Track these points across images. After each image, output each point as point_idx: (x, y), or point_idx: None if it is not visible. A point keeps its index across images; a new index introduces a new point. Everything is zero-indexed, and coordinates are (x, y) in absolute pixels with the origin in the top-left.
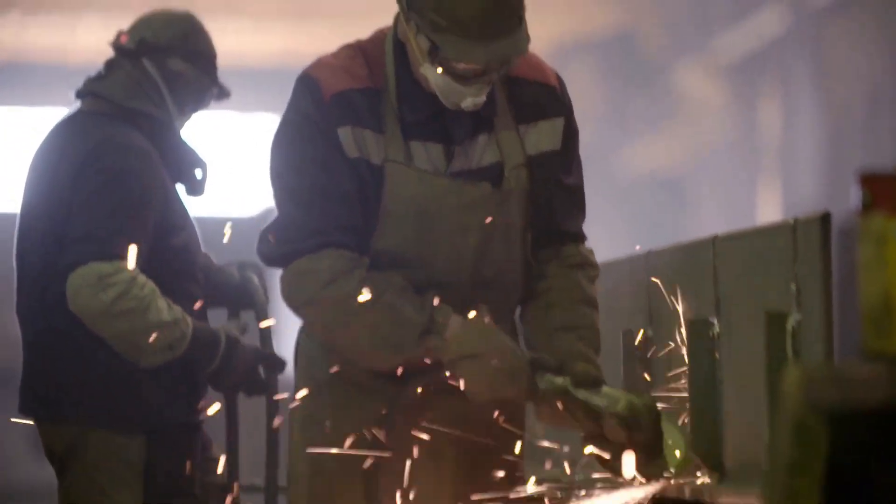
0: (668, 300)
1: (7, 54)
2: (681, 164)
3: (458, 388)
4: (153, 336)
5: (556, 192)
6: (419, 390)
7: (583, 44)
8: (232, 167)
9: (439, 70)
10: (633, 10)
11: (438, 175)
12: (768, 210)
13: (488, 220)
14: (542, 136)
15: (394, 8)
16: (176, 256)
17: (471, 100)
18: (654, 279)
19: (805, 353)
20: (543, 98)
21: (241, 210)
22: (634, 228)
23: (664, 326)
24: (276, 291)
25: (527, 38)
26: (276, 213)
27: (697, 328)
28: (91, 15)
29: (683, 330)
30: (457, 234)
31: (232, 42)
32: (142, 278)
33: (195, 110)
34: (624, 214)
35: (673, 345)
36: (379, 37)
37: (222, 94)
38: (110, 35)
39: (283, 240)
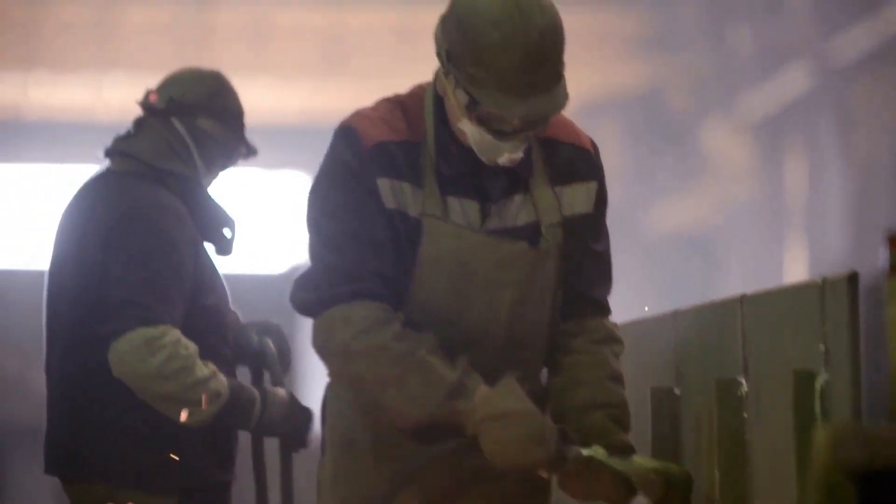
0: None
1: (35, 112)
2: (707, 223)
3: (483, 450)
4: (200, 391)
5: (585, 258)
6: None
7: (610, 102)
8: (258, 224)
9: (477, 124)
10: (660, 69)
11: (475, 231)
12: (795, 268)
13: (524, 276)
14: (577, 198)
15: (421, 65)
16: (206, 316)
17: (507, 155)
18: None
19: (833, 413)
20: (579, 161)
21: (268, 267)
22: (661, 286)
23: (693, 386)
24: (298, 356)
25: (565, 96)
26: (304, 269)
27: (725, 388)
28: (117, 72)
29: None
30: (492, 291)
31: (258, 100)
32: (184, 339)
33: (223, 168)
34: (650, 272)
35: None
36: (417, 92)
37: (250, 151)
38: (137, 92)
39: (317, 286)
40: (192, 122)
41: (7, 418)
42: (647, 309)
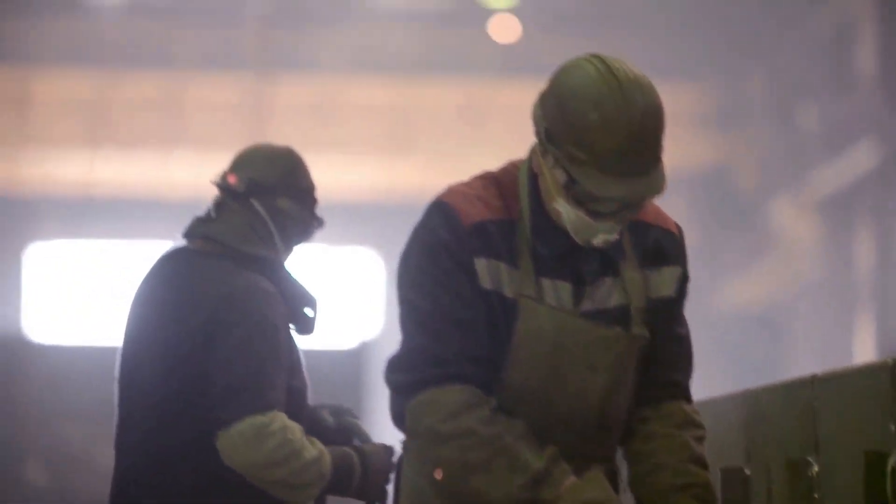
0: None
1: (103, 188)
2: (775, 301)
3: None
4: (308, 475)
5: (668, 341)
6: None
7: (677, 179)
8: (326, 300)
9: (573, 204)
10: (728, 147)
11: (571, 314)
12: (864, 346)
13: (617, 361)
14: (664, 282)
15: (487, 144)
16: (292, 397)
17: (602, 237)
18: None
19: None
20: (666, 244)
21: (337, 343)
22: (728, 364)
23: (763, 465)
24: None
25: (664, 178)
26: (377, 344)
27: (796, 468)
28: (185, 149)
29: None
30: (586, 374)
31: (324, 176)
32: (289, 422)
33: (298, 244)
34: (718, 350)
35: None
36: (511, 169)
37: (320, 225)
38: (204, 169)
39: (410, 367)
40: (271, 203)
41: (71, 492)
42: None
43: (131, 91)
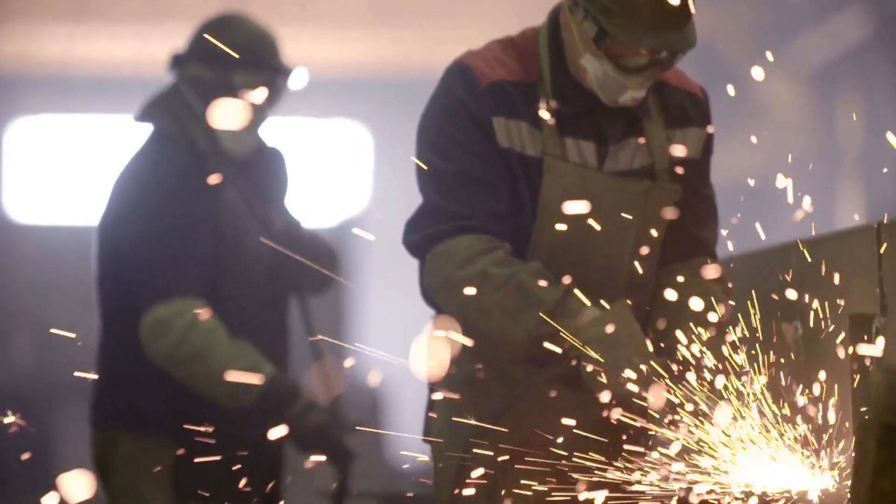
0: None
1: (82, 65)
2: (761, 171)
3: (581, 372)
4: (222, 382)
5: (694, 200)
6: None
7: None
8: (310, 175)
9: (603, 59)
10: (713, 17)
11: (598, 171)
12: (851, 214)
13: (646, 216)
14: (688, 143)
15: (468, 14)
16: (237, 283)
17: (630, 93)
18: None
19: (891, 357)
20: (691, 107)
21: (319, 220)
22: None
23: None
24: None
25: (695, 34)
26: (360, 221)
27: (781, 331)
28: (165, 25)
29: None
30: (616, 231)
31: (307, 51)
32: (207, 323)
33: (260, 108)
34: None
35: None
36: (528, 34)
37: (294, 79)
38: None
39: (424, 224)
40: (184, 74)
41: (56, 368)
42: None
43: None
